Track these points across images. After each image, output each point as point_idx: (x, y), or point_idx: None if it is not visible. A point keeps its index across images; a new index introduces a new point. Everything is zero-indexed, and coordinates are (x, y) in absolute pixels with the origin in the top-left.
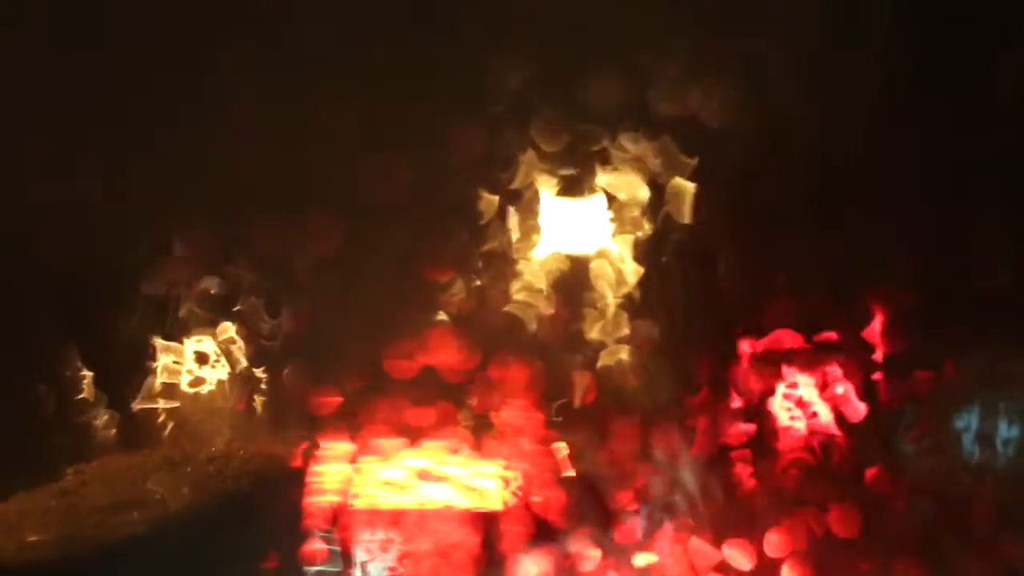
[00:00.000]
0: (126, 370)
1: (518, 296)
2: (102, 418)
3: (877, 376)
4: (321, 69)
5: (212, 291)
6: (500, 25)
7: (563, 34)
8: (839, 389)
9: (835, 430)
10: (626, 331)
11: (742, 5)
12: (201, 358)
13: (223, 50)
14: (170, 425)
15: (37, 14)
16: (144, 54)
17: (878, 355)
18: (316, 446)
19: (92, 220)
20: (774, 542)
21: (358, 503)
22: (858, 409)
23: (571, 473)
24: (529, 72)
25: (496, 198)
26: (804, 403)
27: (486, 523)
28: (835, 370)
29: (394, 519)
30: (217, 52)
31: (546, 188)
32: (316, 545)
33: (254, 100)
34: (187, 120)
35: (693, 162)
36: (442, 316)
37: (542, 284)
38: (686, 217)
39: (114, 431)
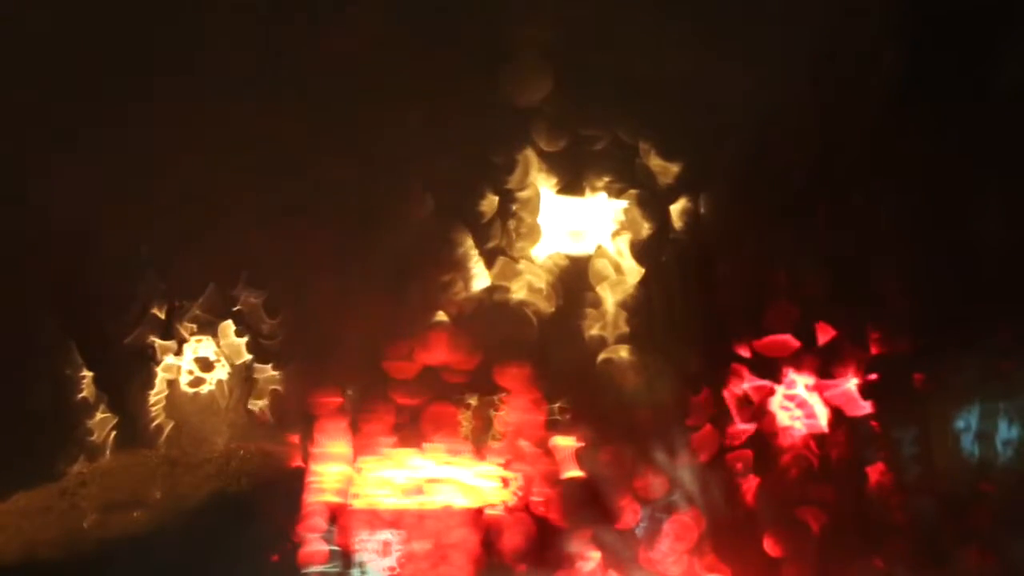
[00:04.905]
0: (126, 370)
1: (519, 295)
2: (102, 418)
3: (876, 376)
4: (321, 70)
5: (212, 293)
6: (501, 27)
7: (564, 37)
8: (839, 389)
9: (834, 430)
10: (626, 330)
11: (743, 6)
12: (201, 359)
13: (220, 52)
14: (170, 425)
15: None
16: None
17: (877, 355)
18: (316, 446)
19: (93, 221)
20: (774, 541)
21: (358, 503)
22: (858, 409)
23: (571, 473)
24: (530, 72)
25: (496, 198)
26: (804, 403)
27: (486, 523)
28: (835, 371)
29: (394, 519)
30: (217, 55)
31: (546, 188)
32: (316, 545)
33: (254, 102)
34: (187, 121)
35: (693, 164)
36: (442, 316)
37: (542, 284)
38: (685, 218)
39: (114, 431)
